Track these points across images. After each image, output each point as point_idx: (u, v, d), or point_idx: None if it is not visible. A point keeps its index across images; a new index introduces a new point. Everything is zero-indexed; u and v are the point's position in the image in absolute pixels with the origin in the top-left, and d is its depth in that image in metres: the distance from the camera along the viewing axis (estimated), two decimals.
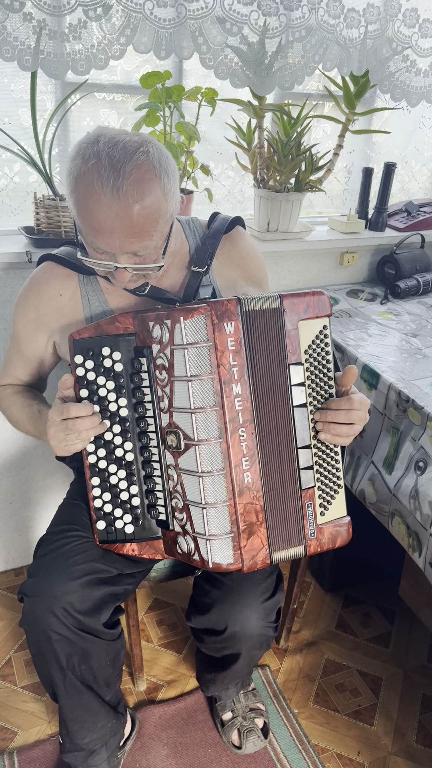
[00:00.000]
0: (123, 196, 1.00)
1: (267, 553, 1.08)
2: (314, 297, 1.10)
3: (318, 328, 1.10)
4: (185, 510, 1.09)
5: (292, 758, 1.51)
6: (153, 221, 1.04)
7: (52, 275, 1.24)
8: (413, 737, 1.59)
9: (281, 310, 1.07)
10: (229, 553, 1.06)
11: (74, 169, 1.03)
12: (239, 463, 1.05)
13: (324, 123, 1.99)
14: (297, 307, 1.08)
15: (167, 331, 1.06)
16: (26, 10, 1.35)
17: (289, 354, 1.08)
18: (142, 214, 1.02)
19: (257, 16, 1.55)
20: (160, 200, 1.04)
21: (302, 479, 1.11)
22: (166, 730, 1.56)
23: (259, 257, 1.36)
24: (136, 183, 1.01)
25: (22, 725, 1.58)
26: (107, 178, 1.00)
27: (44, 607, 1.15)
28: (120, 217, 1.02)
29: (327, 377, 1.12)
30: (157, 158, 1.04)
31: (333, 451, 1.15)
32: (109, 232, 1.03)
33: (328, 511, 1.14)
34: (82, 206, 1.04)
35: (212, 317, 1.02)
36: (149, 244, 1.07)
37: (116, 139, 1.03)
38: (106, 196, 1.00)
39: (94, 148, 1.02)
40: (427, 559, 1.34)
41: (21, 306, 1.26)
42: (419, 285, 2.01)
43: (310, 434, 1.11)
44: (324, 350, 1.12)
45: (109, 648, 1.24)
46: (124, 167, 1.00)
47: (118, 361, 1.13)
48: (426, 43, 1.77)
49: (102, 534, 1.18)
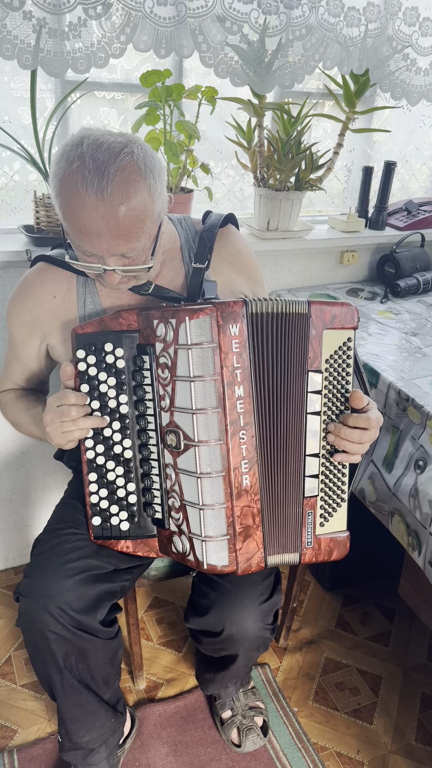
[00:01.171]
0: (108, 198, 0.99)
1: (262, 557, 1.08)
2: (342, 308, 1.10)
3: (342, 339, 1.10)
4: (182, 510, 1.09)
5: (292, 756, 1.52)
6: (140, 222, 1.04)
7: (47, 278, 1.23)
8: (413, 736, 1.60)
9: (308, 316, 1.07)
10: (224, 555, 1.06)
11: (59, 171, 1.02)
12: (238, 465, 1.05)
13: (324, 122, 1.99)
14: (324, 316, 1.08)
15: (172, 330, 1.05)
16: (26, 8, 1.35)
17: (310, 360, 1.08)
18: (129, 215, 1.01)
19: (257, 15, 1.54)
20: (146, 201, 1.03)
21: (306, 487, 1.11)
22: (166, 728, 1.56)
23: (251, 254, 1.35)
24: (120, 184, 1.00)
25: (21, 723, 1.58)
26: (91, 180, 0.99)
27: (40, 607, 1.15)
28: (106, 219, 1.01)
29: (345, 389, 1.12)
30: (142, 159, 1.03)
31: (343, 465, 1.14)
32: (96, 235, 1.03)
33: (328, 523, 1.14)
34: (67, 209, 1.03)
35: (218, 318, 1.02)
36: (137, 246, 1.06)
37: (100, 141, 1.02)
38: (91, 199, 1.00)
39: (78, 150, 1.01)
40: (427, 558, 1.34)
41: (15, 308, 1.25)
42: (419, 284, 2.01)
43: (320, 443, 1.11)
44: (345, 362, 1.11)
45: (107, 646, 1.24)
46: (108, 169, 0.99)
47: (120, 358, 1.12)
48: (426, 41, 1.77)
49: (97, 530, 1.18)
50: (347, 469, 1.15)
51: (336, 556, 1.15)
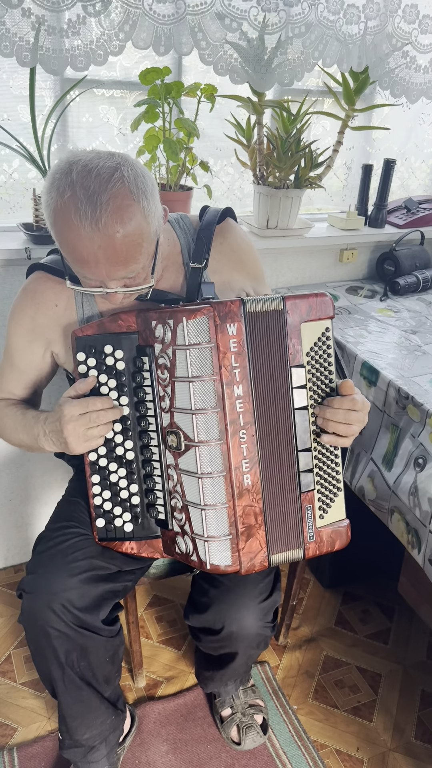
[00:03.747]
0: (103, 228, 0.98)
1: (265, 556, 1.08)
2: (317, 298, 1.08)
3: (320, 330, 1.09)
4: (184, 510, 1.09)
5: (292, 754, 1.52)
6: (137, 246, 1.03)
7: (47, 287, 1.22)
8: (412, 733, 1.60)
9: (284, 312, 1.06)
10: (227, 555, 1.06)
11: (51, 202, 1.02)
12: (239, 465, 1.05)
13: (323, 119, 1.98)
14: (299, 309, 1.07)
15: (170, 330, 1.05)
16: (25, 5, 1.34)
17: (291, 356, 1.07)
18: (125, 242, 1.01)
19: (257, 12, 1.54)
20: (142, 224, 1.02)
21: (302, 482, 1.11)
22: (166, 726, 1.57)
23: (252, 249, 1.34)
24: (114, 213, 0.99)
25: (21, 722, 1.58)
26: (84, 211, 0.98)
27: (43, 604, 1.15)
28: (103, 248, 1.00)
29: (328, 380, 1.12)
30: (133, 181, 1.01)
31: (333, 454, 1.14)
32: (94, 263, 1.02)
33: (328, 514, 1.14)
34: (63, 240, 1.03)
35: (215, 318, 1.01)
36: (136, 267, 1.06)
37: (89, 167, 1.00)
38: (86, 230, 0.99)
39: (67, 179, 0.99)
40: (426, 556, 1.35)
41: (16, 317, 1.24)
42: (419, 282, 2.01)
43: (310, 437, 1.11)
44: (326, 352, 1.11)
45: (108, 644, 1.24)
46: (100, 198, 0.98)
47: (120, 360, 1.12)
48: (426, 39, 1.77)
49: (101, 532, 1.18)
50: (339, 458, 1.15)
51: (338, 546, 1.15)
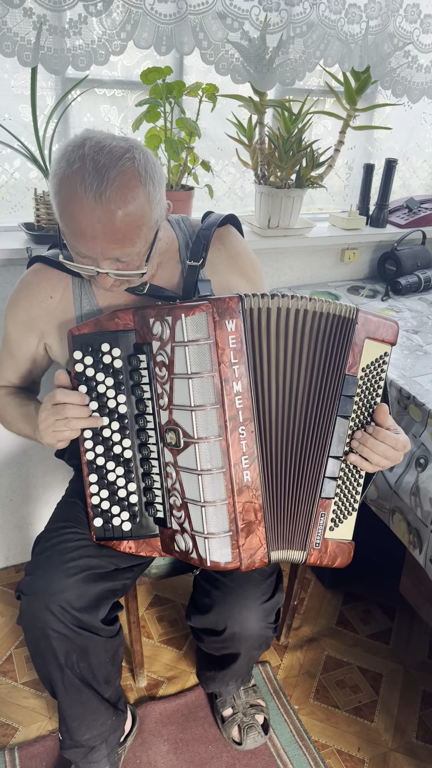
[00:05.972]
0: (106, 201, 0.99)
1: (265, 552, 1.08)
2: (387, 322, 1.12)
3: (381, 352, 1.12)
4: (183, 508, 1.09)
5: (293, 754, 1.52)
6: (136, 228, 1.03)
7: (43, 278, 1.23)
8: (413, 733, 1.60)
9: (354, 322, 1.08)
10: (228, 551, 1.06)
11: (59, 171, 1.02)
12: (239, 461, 1.05)
13: (325, 119, 1.98)
14: (369, 324, 1.09)
15: (168, 327, 1.05)
16: (26, 5, 1.34)
17: (348, 365, 1.09)
18: (125, 220, 1.01)
19: (258, 12, 1.54)
20: (144, 207, 1.03)
21: (324, 487, 1.11)
22: (167, 726, 1.56)
23: (251, 257, 1.35)
24: (119, 189, 1.00)
25: (22, 721, 1.58)
26: (91, 183, 0.99)
27: (41, 605, 1.15)
28: (102, 222, 1.01)
29: (374, 401, 1.13)
30: (143, 165, 1.03)
31: (359, 473, 1.15)
32: (91, 237, 1.03)
33: (338, 528, 1.14)
34: (65, 210, 1.03)
35: (214, 314, 1.01)
36: (132, 251, 1.06)
37: (102, 144, 1.01)
38: (89, 201, 0.99)
39: (79, 152, 1.01)
40: (428, 556, 1.34)
41: (12, 308, 1.26)
42: (420, 281, 2.01)
43: (344, 447, 1.11)
44: (379, 375, 1.13)
45: (108, 645, 1.24)
46: (108, 173, 0.99)
47: (118, 358, 1.12)
48: (427, 38, 1.76)
49: (99, 531, 1.18)
50: (363, 480, 1.15)
51: (339, 563, 1.15)
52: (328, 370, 1.09)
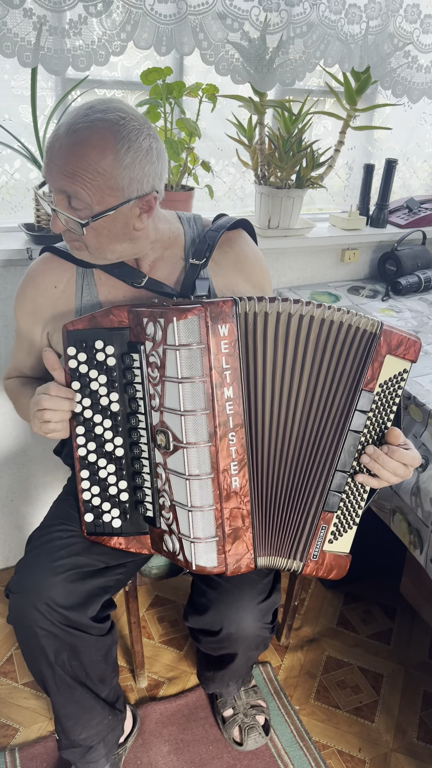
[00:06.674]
0: (73, 133, 1.03)
1: (252, 558, 1.08)
2: (410, 339, 1.09)
3: (401, 368, 1.09)
4: (172, 510, 1.09)
5: (293, 755, 1.52)
6: (90, 171, 1.04)
7: (48, 267, 1.24)
8: (414, 734, 1.60)
9: (377, 336, 1.06)
10: (213, 556, 1.06)
11: None
12: (227, 467, 1.04)
13: (325, 119, 1.98)
14: (391, 340, 1.07)
15: (160, 329, 1.04)
16: (27, 5, 1.34)
17: (366, 380, 1.06)
18: (80, 154, 1.03)
19: (258, 12, 1.54)
20: (107, 160, 1.03)
21: (328, 500, 1.10)
22: (168, 726, 1.56)
23: (260, 262, 1.33)
24: (90, 128, 1.03)
25: (23, 722, 1.58)
26: (73, 117, 1.05)
27: (28, 603, 1.15)
28: (62, 151, 1.04)
29: (387, 418, 1.11)
30: (129, 133, 1.04)
31: (364, 489, 1.14)
32: (49, 161, 1.06)
33: (337, 541, 1.13)
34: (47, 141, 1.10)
35: (206, 319, 1.00)
36: (80, 194, 1.05)
37: (111, 100, 1.08)
38: (62, 129, 1.05)
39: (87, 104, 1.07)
40: (428, 556, 1.34)
41: (19, 299, 1.28)
42: (420, 282, 2.01)
43: (352, 462, 1.10)
44: (396, 392, 1.10)
45: (99, 643, 1.23)
46: (91, 115, 1.04)
47: (111, 355, 1.12)
48: (427, 38, 1.76)
49: (90, 526, 1.18)
50: (367, 495, 1.14)
51: (335, 575, 1.14)
52: (340, 382, 1.07)
